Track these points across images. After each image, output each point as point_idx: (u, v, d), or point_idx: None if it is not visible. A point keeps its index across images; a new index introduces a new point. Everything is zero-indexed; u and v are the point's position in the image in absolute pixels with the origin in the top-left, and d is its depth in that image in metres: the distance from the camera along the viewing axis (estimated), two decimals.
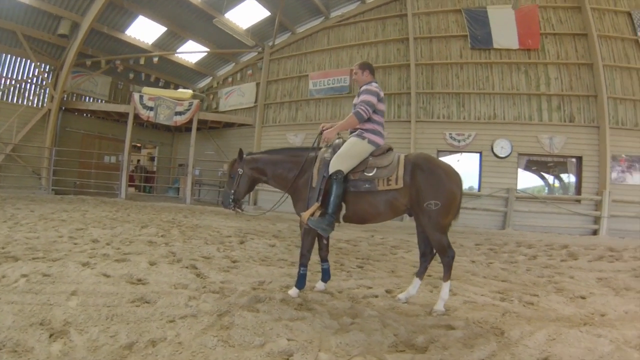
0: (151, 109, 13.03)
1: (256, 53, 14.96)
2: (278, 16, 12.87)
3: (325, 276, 3.62)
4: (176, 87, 16.19)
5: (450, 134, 11.35)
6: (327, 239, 3.68)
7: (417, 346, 2.42)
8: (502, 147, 10.94)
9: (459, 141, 11.23)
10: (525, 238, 8.68)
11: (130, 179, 15.06)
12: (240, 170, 3.63)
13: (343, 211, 3.29)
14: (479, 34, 11.37)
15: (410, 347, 2.42)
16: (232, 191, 3.62)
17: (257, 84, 14.72)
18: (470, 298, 3.58)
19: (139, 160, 19.97)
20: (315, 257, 3.83)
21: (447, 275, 3.25)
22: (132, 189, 15.87)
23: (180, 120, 13.18)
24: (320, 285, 3.60)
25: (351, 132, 3.54)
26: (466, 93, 11.43)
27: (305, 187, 3.40)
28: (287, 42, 14.40)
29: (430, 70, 11.79)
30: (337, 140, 3.46)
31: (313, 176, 3.36)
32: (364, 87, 3.46)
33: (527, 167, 11.40)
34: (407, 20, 12.11)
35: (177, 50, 14.98)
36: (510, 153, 10.90)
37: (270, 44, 14.42)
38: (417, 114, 11.58)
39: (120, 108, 13.82)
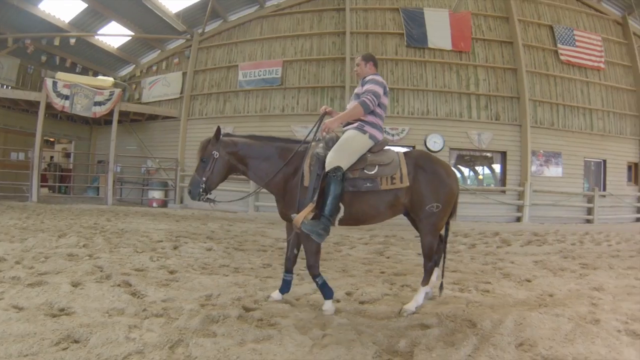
0: (67, 97, 11.44)
1: (184, 40, 13.99)
2: (211, 1, 12.07)
3: (285, 288, 3.29)
4: (95, 74, 14.49)
5: (384, 128, 11.47)
6: (298, 250, 3.35)
7: (401, 352, 2.30)
8: (435, 142, 11.43)
9: (393, 135, 11.42)
10: (459, 227, 9.03)
11: (43, 178, 13.29)
12: (215, 154, 3.05)
13: (340, 213, 2.95)
14: (415, 33, 11.78)
15: (394, 354, 2.29)
16: (204, 179, 3.04)
17: (184, 74, 13.74)
18: (431, 292, 3.52)
19: (52, 157, 17.95)
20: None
21: (426, 280, 3.17)
22: (45, 190, 14.16)
23: (99, 111, 11.78)
24: (276, 295, 3.24)
25: (345, 125, 3.22)
26: (400, 89, 11.71)
27: (295, 186, 3.00)
28: (217, 30, 13.64)
29: None
30: (328, 135, 3.09)
31: (304, 174, 2.98)
32: (370, 77, 3.21)
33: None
34: (344, 15, 12.09)
35: (98, 32, 13.39)
36: (443, 147, 11.44)
37: (200, 31, 13.55)
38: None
39: (30, 96, 11.92)
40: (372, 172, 2.99)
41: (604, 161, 12.66)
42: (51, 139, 16.65)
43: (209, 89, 13.39)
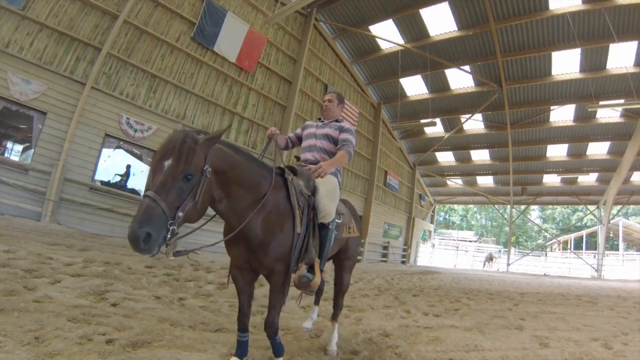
0: None
1: None
2: None
3: (243, 350, 2.45)
4: None
5: (128, 119, 9.11)
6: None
7: None
8: None
9: (135, 130, 9.25)
10: (197, 259, 7.29)
11: None
12: (207, 170, 1.86)
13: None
14: (207, 29, 10.52)
15: None
16: (179, 214, 1.74)
17: None
18: None
19: None
20: None
21: (337, 315, 3.31)
22: None
23: None
24: None
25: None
26: (164, 80, 9.80)
27: (285, 232, 2.30)
28: None
29: (137, 35, 9.29)
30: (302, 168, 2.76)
31: (295, 216, 2.33)
32: (347, 125, 3.07)
33: None
34: None
35: None
36: None
37: None
38: (97, 79, 8.54)
39: None
40: (340, 221, 2.84)
41: None
42: None
43: None
